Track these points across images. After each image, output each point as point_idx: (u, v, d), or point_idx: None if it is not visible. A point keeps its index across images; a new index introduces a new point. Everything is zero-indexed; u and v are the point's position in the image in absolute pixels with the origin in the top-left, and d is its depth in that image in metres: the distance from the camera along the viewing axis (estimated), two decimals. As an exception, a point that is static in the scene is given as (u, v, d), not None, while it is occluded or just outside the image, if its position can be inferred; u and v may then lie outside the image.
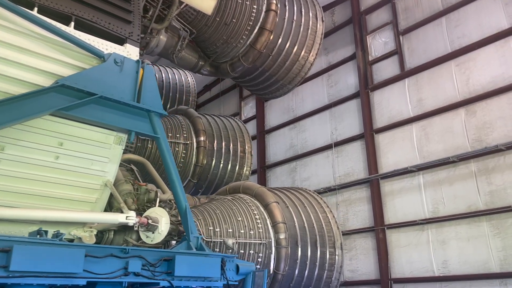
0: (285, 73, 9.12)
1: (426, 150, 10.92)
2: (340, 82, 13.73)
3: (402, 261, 10.75)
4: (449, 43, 11.08)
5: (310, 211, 7.75)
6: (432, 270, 10.10)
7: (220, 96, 18.77)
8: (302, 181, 14.00)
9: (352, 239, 12.06)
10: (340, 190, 12.72)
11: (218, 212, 6.95)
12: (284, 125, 15.29)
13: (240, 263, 5.71)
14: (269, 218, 7.18)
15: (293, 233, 7.25)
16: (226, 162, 9.76)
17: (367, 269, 11.45)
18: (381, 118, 12.22)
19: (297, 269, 7.14)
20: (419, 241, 10.52)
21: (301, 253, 7.20)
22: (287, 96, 15.42)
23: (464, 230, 9.76)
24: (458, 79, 10.71)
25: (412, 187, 10.98)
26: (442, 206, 10.27)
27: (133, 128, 5.31)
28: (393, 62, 12.35)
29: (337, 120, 13.47)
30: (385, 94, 12.32)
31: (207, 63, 9.09)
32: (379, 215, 11.39)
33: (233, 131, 10.18)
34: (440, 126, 10.79)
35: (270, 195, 7.42)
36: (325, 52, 14.50)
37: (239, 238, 6.78)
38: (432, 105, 11.06)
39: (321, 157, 13.66)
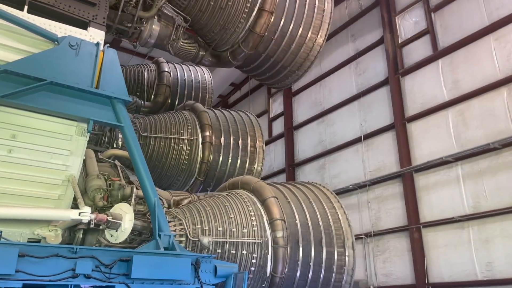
0: (291, 58, 8.35)
1: (464, 138, 9.63)
2: (369, 70, 12.66)
3: (440, 264, 9.51)
4: (486, 16, 9.74)
5: (316, 206, 6.91)
6: (475, 274, 8.80)
7: (249, 95, 18.24)
8: (332, 179, 13.06)
9: (385, 240, 10.95)
10: (371, 186, 11.65)
11: (209, 210, 6.34)
12: (312, 119, 14.42)
13: (219, 264, 5.06)
14: (266, 215, 6.46)
15: (293, 231, 6.46)
16: (235, 158, 9.13)
17: (402, 273, 10.30)
18: (414, 105, 11.03)
19: (299, 271, 6.34)
20: (459, 241, 9.25)
21: (303, 253, 6.39)
22: (315, 89, 14.64)
23: (510, 227, 8.41)
24: (498, 54, 9.35)
25: (450, 179, 9.72)
26: (484, 200, 8.95)
27: (92, 116, 4.86)
28: (424, 43, 11.14)
29: (366, 111, 12.41)
30: (417, 79, 11.13)
31: (208, 53, 8.56)
32: (413, 213, 10.21)
33: (243, 125, 9.55)
34: (479, 110, 9.48)
35: (268, 190, 6.69)
36: (352, 38, 13.50)
37: (231, 237, 6.13)
38: (469, 86, 9.77)
39: (351, 152, 12.65)
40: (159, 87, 11.20)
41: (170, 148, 8.81)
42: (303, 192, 7.20)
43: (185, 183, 9.07)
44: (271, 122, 16.63)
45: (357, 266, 11.43)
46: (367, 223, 11.44)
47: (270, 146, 16.38)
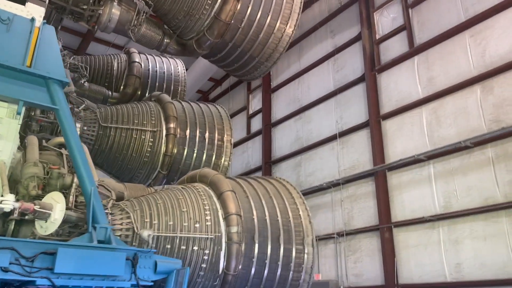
0: (260, 48, 8.06)
1: (437, 136, 9.43)
2: (347, 66, 12.43)
3: (410, 264, 9.29)
4: (462, 12, 9.56)
5: (276, 202, 6.61)
6: (444, 275, 8.59)
7: (229, 91, 17.91)
8: (307, 176, 12.80)
9: (357, 240, 10.70)
10: (345, 185, 11.40)
11: (160, 203, 6.01)
12: (290, 116, 14.14)
13: (160, 260, 4.74)
14: (221, 209, 6.15)
15: (250, 226, 6.16)
16: (201, 152, 8.80)
17: (373, 273, 10.06)
18: (389, 103, 10.81)
19: (254, 268, 6.03)
20: (429, 241, 9.03)
21: (259, 250, 6.08)
22: (293, 85, 14.38)
23: (480, 228, 8.21)
24: (473, 51, 9.16)
25: (422, 178, 9.51)
26: (454, 200, 8.75)
27: (23, 97, 4.49)
28: (401, 39, 10.93)
29: (343, 108, 12.16)
30: (393, 76, 10.91)
31: (173, 41, 8.23)
32: (385, 212, 9.98)
33: (211, 118, 9.22)
34: (452, 108, 9.28)
35: (225, 184, 6.38)
36: (331, 34, 13.26)
37: (182, 232, 5.80)
38: (444, 83, 9.57)
39: (326, 149, 12.40)
40: (129, 77, 10.83)
41: (132, 140, 8.45)
42: (264, 187, 6.89)
43: (147, 177, 8.71)
44: (249, 119, 16.33)
45: (328, 266, 11.24)
46: (340, 222, 11.19)
47: (248, 143, 16.08)
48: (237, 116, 17.11)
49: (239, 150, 16.49)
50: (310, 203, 12.37)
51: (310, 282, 6.42)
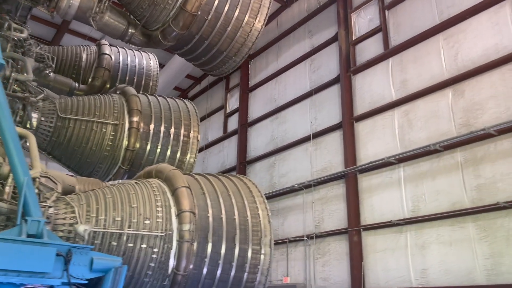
0: (228, 42, 7.82)
1: (408, 139, 9.30)
2: (323, 67, 12.27)
3: (377, 269, 9.12)
4: (437, 15, 9.47)
5: (234, 200, 6.35)
6: (410, 280, 8.44)
7: (208, 89, 17.63)
8: (280, 177, 12.59)
9: (326, 243, 10.51)
10: (316, 187, 11.21)
11: (109, 198, 5.70)
12: (266, 116, 13.93)
13: (97, 257, 4.45)
14: (175, 206, 5.88)
15: (204, 225, 5.89)
16: (165, 147, 8.49)
17: (340, 277, 9.87)
18: (362, 104, 10.67)
19: (206, 269, 5.76)
20: (396, 245, 8.88)
21: (212, 249, 5.82)
22: (271, 85, 14.18)
23: (446, 233, 8.08)
24: (446, 54, 9.07)
25: (392, 182, 9.37)
26: (423, 204, 8.62)
27: None
28: (377, 41, 10.81)
29: (317, 109, 12.00)
30: (367, 77, 10.78)
31: (138, 31, 7.95)
32: (354, 215, 9.81)
33: (178, 113, 8.92)
34: (424, 111, 9.17)
35: (181, 179, 6.10)
36: (309, 34, 13.10)
37: (129, 228, 5.51)
38: (416, 86, 9.46)
39: (300, 150, 12.21)
40: (98, 70, 10.47)
41: (92, 132, 8.11)
42: (224, 185, 6.63)
43: (108, 172, 8.38)
44: (227, 118, 16.07)
45: (297, 269, 11.02)
46: (311, 225, 10.99)
47: (224, 142, 15.82)
48: (215, 115, 16.85)
49: (215, 149, 16.22)
50: (282, 204, 12.20)
51: (266, 284, 6.17)
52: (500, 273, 7.12)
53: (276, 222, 12.24)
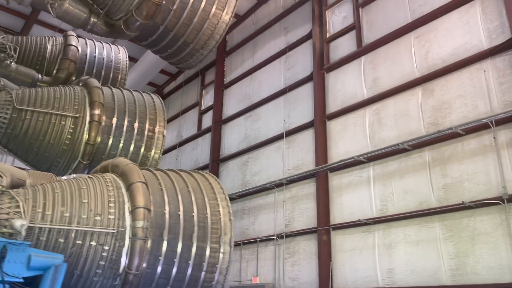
0: (194, 34, 7.59)
1: (378, 138, 9.22)
2: (297, 64, 12.13)
3: (345, 269, 9.00)
4: (409, 13, 9.42)
5: (194, 197, 6.12)
6: (377, 280, 8.34)
7: (183, 86, 17.32)
8: (252, 176, 12.39)
9: (296, 242, 10.35)
10: (288, 185, 11.05)
11: (58, 192, 5.40)
12: (240, 114, 13.71)
13: (35, 254, 4.18)
14: (129, 202, 5.61)
15: (159, 222, 5.64)
16: (128, 142, 8.19)
17: (309, 277, 9.72)
18: (335, 103, 10.56)
19: (160, 267, 5.52)
20: (364, 245, 8.78)
21: (168, 247, 5.57)
22: (246, 82, 13.98)
23: (413, 232, 8.00)
24: (417, 53, 9.02)
25: (362, 181, 9.27)
26: (391, 204, 8.53)
27: None
28: (350, 39, 10.72)
29: (291, 107, 11.84)
30: (340, 75, 10.68)
31: (101, 20, 7.64)
32: (324, 214, 9.68)
33: (143, 107, 8.62)
34: (394, 109, 9.10)
35: (137, 174, 5.84)
36: (285, 31, 12.95)
37: (78, 225, 5.22)
38: (387, 85, 9.39)
39: (273, 149, 12.03)
40: (63, 61, 10.08)
41: (50, 125, 7.76)
42: (184, 181, 6.39)
43: (67, 167, 8.03)
44: (201, 115, 15.79)
45: (267, 269, 10.83)
46: (282, 224, 10.83)
47: (198, 140, 15.54)
48: (190, 112, 16.55)
49: (189, 147, 15.92)
50: (253, 203, 12.00)
51: (224, 284, 5.97)
52: (465, 273, 7.07)
53: (247, 221, 12.05)
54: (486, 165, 7.27)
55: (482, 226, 7.06)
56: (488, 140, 7.35)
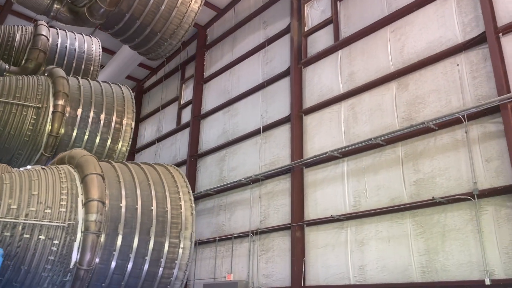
0: (162, 22, 7.37)
1: (352, 133, 9.07)
2: (276, 59, 11.94)
3: (318, 265, 8.85)
4: (386, 7, 9.27)
5: (154, 190, 5.91)
6: (348, 277, 8.19)
7: (164, 80, 17.02)
8: (229, 171, 12.18)
9: (270, 239, 10.17)
10: (264, 181, 10.86)
11: (7, 184, 5.15)
12: (219, 108, 13.48)
13: (-31, 247, 3.93)
14: (83, 194, 5.37)
15: (115, 215, 5.42)
16: (94, 134, 7.97)
17: (282, 274, 9.55)
18: (311, 97, 10.39)
19: (114, 263, 5.30)
20: (337, 241, 8.63)
21: (123, 242, 5.37)
22: (225, 76, 13.76)
23: (385, 229, 7.87)
24: (393, 47, 8.88)
25: (336, 176, 9.12)
26: (364, 199, 8.39)
27: None
28: (328, 33, 10.56)
29: (269, 102, 11.65)
30: (317, 70, 10.51)
31: (65, 7, 7.37)
32: (298, 210, 9.51)
33: (111, 98, 8.39)
34: (369, 104, 8.95)
35: (93, 166, 5.61)
36: (264, 25, 12.75)
37: (26, 217, 4.97)
38: (363, 79, 9.24)
39: (250, 144, 11.83)
40: (32, 51, 9.78)
41: (11, 116, 7.48)
42: (145, 174, 6.17)
43: (29, 159, 7.76)
44: (180, 110, 15.52)
45: (241, 266, 10.63)
46: (257, 220, 10.64)
47: (177, 135, 15.27)
48: (170, 107, 16.26)
49: (168, 142, 15.66)
50: (230, 199, 11.80)
51: (184, 280, 5.76)
52: (435, 270, 6.95)
53: (224, 217, 11.85)
54: (457, 161, 7.15)
55: (453, 223, 6.94)
56: (460, 135, 7.23)
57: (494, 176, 6.67)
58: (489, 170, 6.74)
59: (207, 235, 12.12)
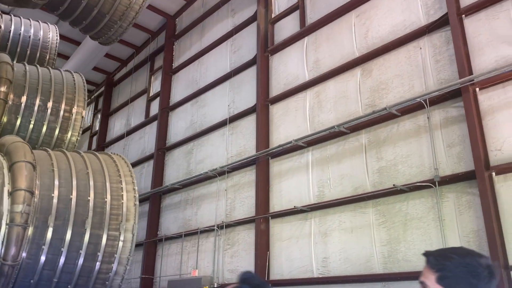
0: (110, 3, 6.94)
1: (317, 121, 8.76)
2: (243, 47, 11.56)
3: (282, 259, 8.54)
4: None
5: (94, 179, 5.50)
6: (312, 270, 7.90)
7: (133, 72, 16.50)
8: (197, 164, 11.78)
9: (236, 232, 9.83)
10: (231, 173, 10.50)
11: None
12: (187, 100, 13.06)
13: None
14: (10, 183, 4.94)
15: (45, 206, 5.00)
16: (40, 123, 7.49)
17: (247, 269, 9.19)
18: (278, 86, 10.06)
19: (44, 257, 4.89)
20: (301, 233, 8.33)
21: (54, 235, 4.95)
22: (193, 67, 13.35)
23: (348, 219, 7.59)
24: (357, 32, 8.59)
25: (301, 166, 8.81)
26: (327, 189, 8.10)
27: None
28: (294, 19, 10.23)
29: (236, 91, 11.28)
30: (283, 57, 10.18)
31: (4, -13, 6.88)
32: (263, 202, 9.18)
33: (60, 85, 7.91)
34: (334, 91, 8.66)
35: (22, 153, 5.17)
36: (232, 13, 12.35)
37: None
38: (328, 66, 8.94)
39: (217, 135, 11.45)
40: (-20, 38, 9.23)
41: None
42: (85, 162, 5.75)
43: (-32, 149, 7.23)
44: (149, 102, 15.05)
45: (207, 261, 10.24)
46: (223, 214, 10.28)
47: (146, 128, 14.80)
48: (139, 100, 15.76)
49: (136, 135, 15.17)
50: (197, 193, 11.41)
51: (125, 275, 5.37)
52: (396, 260, 6.70)
53: (190, 211, 11.46)
54: (419, 147, 6.90)
55: (414, 211, 6.69)
56: (423, 120, 6.98)
57: (456, 162, 6.43)
58: (451, 156, 6.50)
59: (174, 230, 11.72)
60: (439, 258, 1.68)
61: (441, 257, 1.69)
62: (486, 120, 6.16)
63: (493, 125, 6.07)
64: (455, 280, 1.61)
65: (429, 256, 1.73)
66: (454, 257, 1.65)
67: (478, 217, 5.93)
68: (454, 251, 1.71)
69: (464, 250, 1.72)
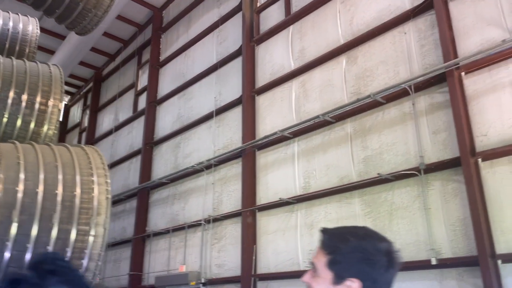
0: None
1: (303, 111, 8.55)
2: (229, 38, 11.32)
3: (268, 252, 8.36)
4: (336, -23, 8.73)
5: (63, 172, 5.28)
6: (298, 263, 7.72)
7: (121, 67, 16.23)
8: (184, 158, 11.57)
9: (223, 226, 9.63)
10: (217, 166, 10.29)
11: None
12: (175, 93, 12.82)
13: None
14: (-28, 177, 4.72)
15: (9, 201, 4.78)
16: (14, 117, 7.23)
17: (234, 263, 9.02)
18: (264, 76, 9.84)
19: (8, 254, 4.68)
20: (287, 226, 8.14)
21: (19, 230, 4.73)
22: (180, 59, 13.11)
23: (334, 210, 7.40)
24: (343, 18, 8.36)
25: (287, 157, 8.61)
26: (313, 180, 7.90)
27: None
28: (279, 8, 9.99)
29: (222, 83, 11.05)
30: (269, 47, 9.95)
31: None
32: (249, 195, 8.98)
33: (36, 77, 7.66)
34: (319, 80, 8.44)
35: (-14, 145, 4.96)
36: (218, 4, 12.09)
37: None
38: (313, 54, 8.72)
39: (204, 129, 11.24)
40: (-44, 31, 8.96)
41: None
42: (54, 155, 5.52)
43: None
44: (137, 97, 14.81)
45: (194, 256, 10.04)
46: (210, 208, 10.08)
47: (134, 123, 14.55)
48: (127, 94, 15.52)
49: (125, 131, 14.93)
50: (184, 187, 11.20)
51: (97, 271, 5.17)
52: (382, 251, 6.49)
53: (178, 206, 11.25)
54: (405, 134, 6.70)
55: (400, 200, 6.50)
56: (408, 107, 6.77)
57: (441, 149, 6.23)
58: (437, 142, 6.30)
59: (162, 225, 11.52)
60: (333, 239, 1.45)
61: (336, 237, 1.45)
62: (471, 105, 5.96)
63: (478, 110, 5.87)
64: (345, 266, 1.38)
65: (325, 234, 1.50)
66: (350, 239, 1.41)
67: (464, 205, 5.74)
68: (352, 232, 1.47)
69: (364, 231, 1.48)
